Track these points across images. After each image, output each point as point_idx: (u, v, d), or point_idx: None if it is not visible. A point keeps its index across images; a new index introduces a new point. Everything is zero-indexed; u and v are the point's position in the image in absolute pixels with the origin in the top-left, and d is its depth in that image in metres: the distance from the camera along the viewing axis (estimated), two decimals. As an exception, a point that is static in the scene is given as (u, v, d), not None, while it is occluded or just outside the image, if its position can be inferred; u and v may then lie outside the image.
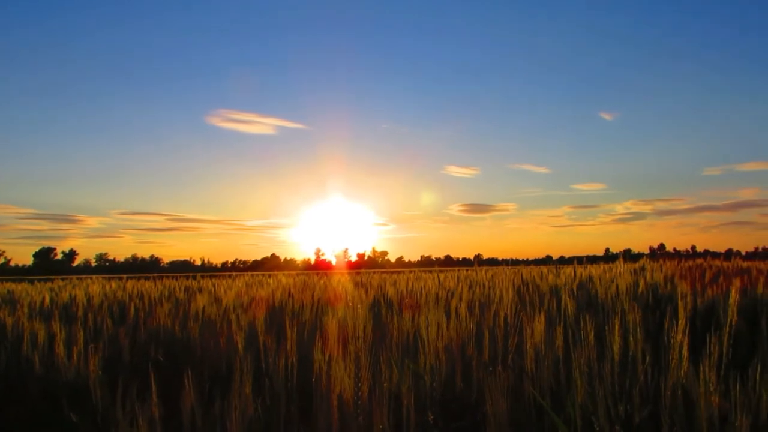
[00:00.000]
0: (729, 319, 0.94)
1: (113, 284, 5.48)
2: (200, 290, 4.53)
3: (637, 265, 5.85)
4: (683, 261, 6.14)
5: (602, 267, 5.69)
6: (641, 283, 3.01)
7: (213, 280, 6.41)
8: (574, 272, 4.29)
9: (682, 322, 0.81)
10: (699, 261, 6.24)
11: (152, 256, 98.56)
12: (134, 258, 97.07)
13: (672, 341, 0.77)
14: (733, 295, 1.03)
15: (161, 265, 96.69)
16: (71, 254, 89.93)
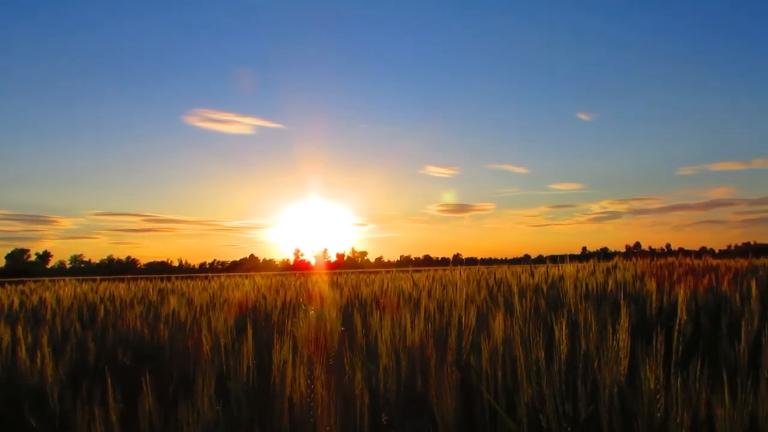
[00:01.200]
0: (678, 318, 0.96)
1: (85, 286, 5.40)
2: (174, 292, 4.49)
3: (610, 264, 5.93)
4: (655, 259, 6.24)
5: (576, 266, 5.77)
6: (610, 282, 3.06)
7: (189, 281, 6.36)
8: (547, 271, 4.34)
9: (624, 321, 0.83)
10: (671, 259, 6.35)
11: (129, 258, 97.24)
12: (110, 259, 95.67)
13: (611, 341, 0.79)
14: (682, 295, 1.05)
15: (138, 266, 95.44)
16: (45, 256, 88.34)
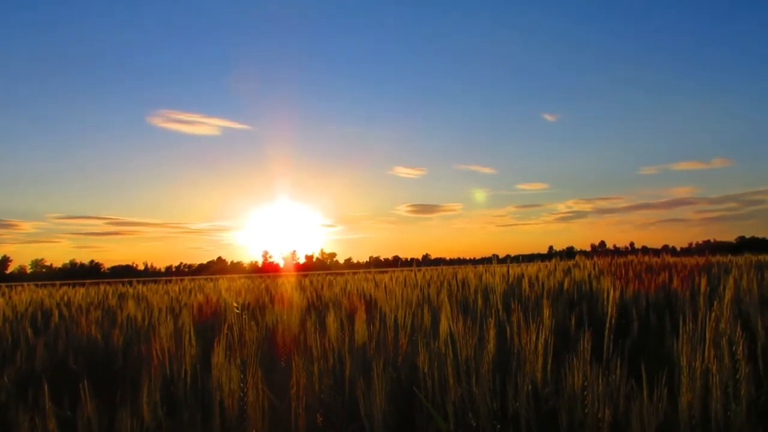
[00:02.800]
0: (608, 316, 1.00)
1: (44, 292, 5.28)
2: (133, 296, 4.41)
3: (571, 263, 6.05)
4: (616, 258, 6.38)
5: (538, 265, 5.86)
6: (566, 281, 3.12)
7: (152, 285, 6.26)
8: (507, 271, 4.40)
9: (547, 320, 0.86)
10: (631, 257, 6.49)
11: (92, 262, 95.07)
12: (73, 264, 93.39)
13: (524, 340, 0.81)
14: (612, 293, 1.09)
15: (102, 270, 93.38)
16: (4, 261, 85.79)
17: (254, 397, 0.78)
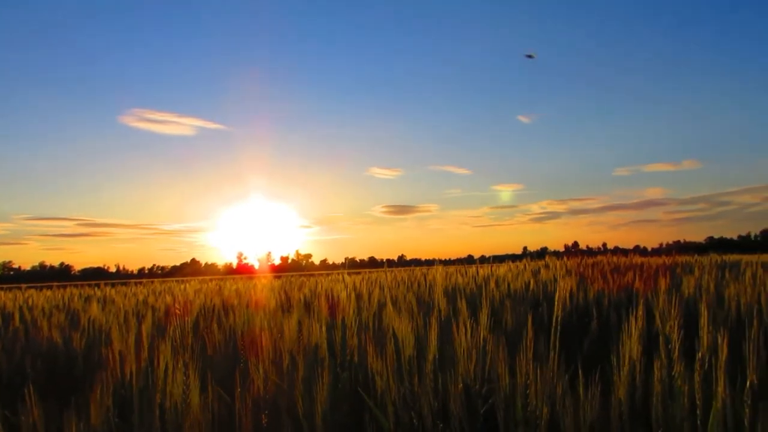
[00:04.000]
0: (556, 316, 1.02)
1: (8, 295, 5.17)
2: (100, 299, 4.35)
3: (541, 263, 6.13)
4: (585, 258, 6.48)
5: (508, 266, 5.93)
6: (531, 282, 3.17)
7: (120, 287, 6.17)
8: (477, 272, 4.44)
9: (485, 318, 0.88)
10: (600, 258, 6.61)
11: (62, 264, 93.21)
12: (42, 266, 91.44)
13: (459, 340, 0.83)
14: (560, 293, 1.11)
15: (72, 273, 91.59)
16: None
17: (198, 399, 0.78)
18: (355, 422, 0.90)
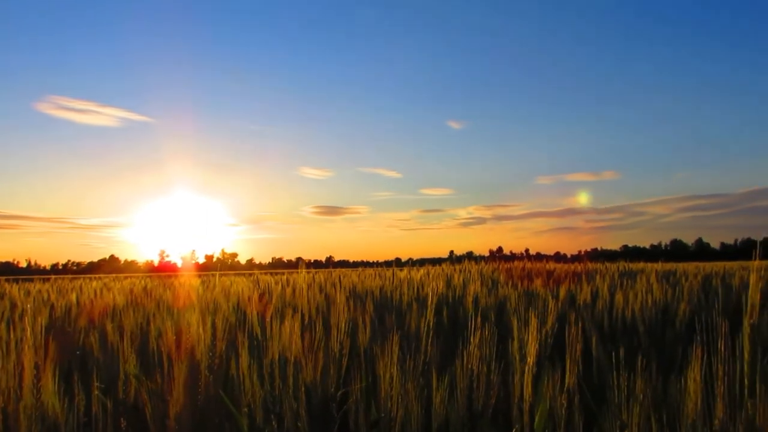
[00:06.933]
0: (426, 320, 1.06)
1: None
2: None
3: (459, 267, 6.27)
4: (501, 263, 6.70)
5: (426, 269, 6.04)
6: (440, 285, 3.25)
7: (25, 284, 5.83)
8: (393, 275, 4.51)
9: (342, 324, 0.90)
10: (516, 263, 6.84)
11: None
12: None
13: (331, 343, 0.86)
14: (430, 296, 1.15)
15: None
16: None
17: (30, 399, 0.76)
18: (217, 425, 0.90)
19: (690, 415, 0.59)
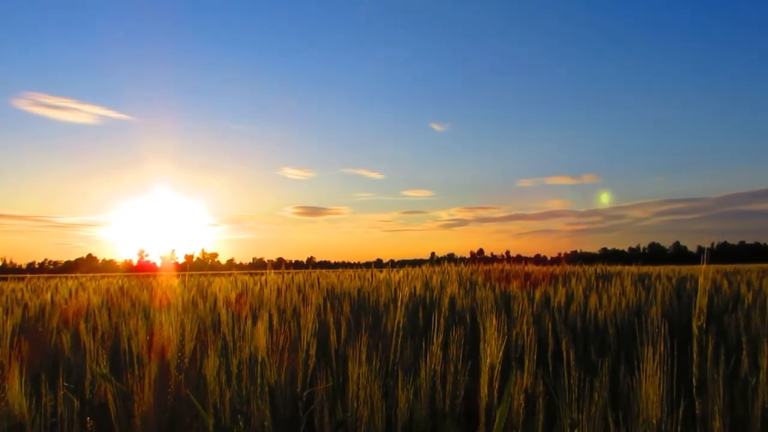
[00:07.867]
0: (396, 320, 1.07)
1: None
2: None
3: (437, 269, 6.31)
4: (481, 265, 6.75)
5: (406, 270, 6.06)
6: (418, 287, 3.27)
7: (2, 283, 5.74)
8: (372, 276, 4.52)
9: (310, 324, 0.92)
10: (495, 265, 6.90)
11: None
12: None
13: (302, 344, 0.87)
14: (400, 297, 1.17)
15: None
16: None
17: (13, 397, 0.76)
18: (188, 424, 0.91)
19: (641, 414, 0.61)
